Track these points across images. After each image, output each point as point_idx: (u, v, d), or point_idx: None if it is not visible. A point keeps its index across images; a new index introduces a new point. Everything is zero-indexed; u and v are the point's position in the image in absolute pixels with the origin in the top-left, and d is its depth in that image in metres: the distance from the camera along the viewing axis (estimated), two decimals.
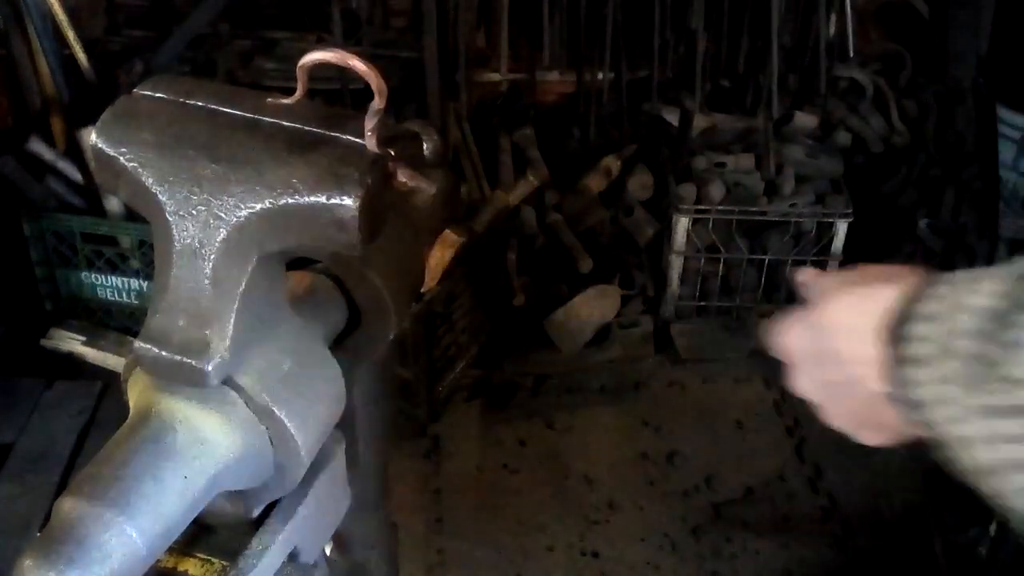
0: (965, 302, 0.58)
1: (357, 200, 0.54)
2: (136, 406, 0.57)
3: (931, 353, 0.59)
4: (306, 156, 0.56)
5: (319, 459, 0.63)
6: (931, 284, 0.60)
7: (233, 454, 0.56)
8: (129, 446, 0.54)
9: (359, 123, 0.57)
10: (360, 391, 0.70)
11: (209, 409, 0.55)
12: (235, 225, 0.54)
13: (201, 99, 0.60)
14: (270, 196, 0.54)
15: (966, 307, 0.58)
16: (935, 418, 0.57)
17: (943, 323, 0.59)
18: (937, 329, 0.59)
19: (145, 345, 0.54)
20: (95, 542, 0.49)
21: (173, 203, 0.54)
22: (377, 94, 0.56)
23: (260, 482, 0.60)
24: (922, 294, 0.60)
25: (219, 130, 0.58)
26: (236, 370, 0.55)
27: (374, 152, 0.57)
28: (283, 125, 0.59)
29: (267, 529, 0.61)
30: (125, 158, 0.56)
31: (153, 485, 0.52)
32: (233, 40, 2.45)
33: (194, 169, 0.55)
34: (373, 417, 0.74)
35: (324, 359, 0.61)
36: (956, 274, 0.60)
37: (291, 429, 0.57)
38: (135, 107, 0.60)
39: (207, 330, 0.54)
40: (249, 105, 0.60)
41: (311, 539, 0.65)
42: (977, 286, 0.58)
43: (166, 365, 0.54)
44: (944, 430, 0.57)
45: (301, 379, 0.58)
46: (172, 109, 0.59)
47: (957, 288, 0.59)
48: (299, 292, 0.62)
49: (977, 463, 0.57)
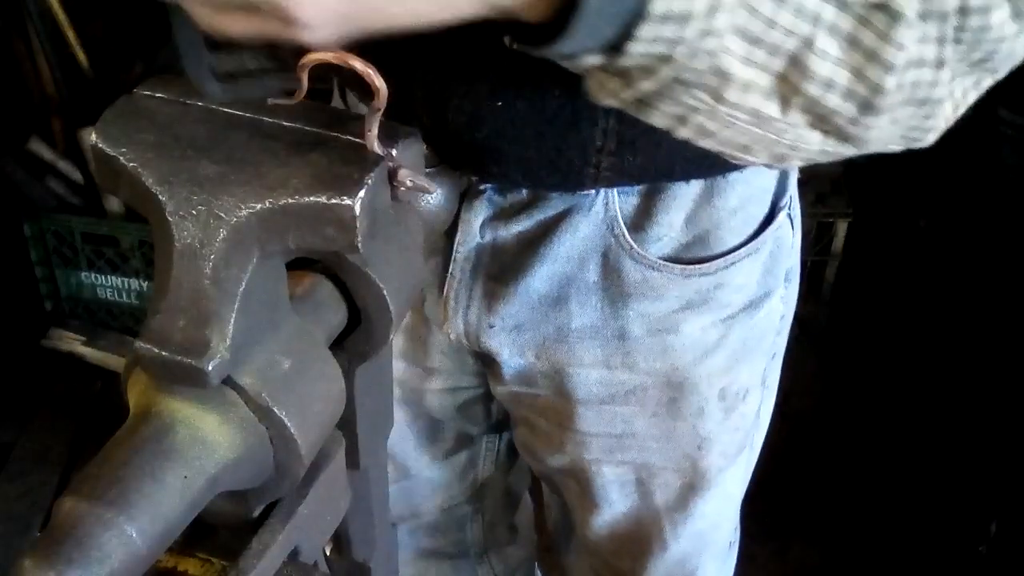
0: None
1: (357, 200, 0.54)
2: (136, 406, 0.57)
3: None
4: (306, 156, 0.56)
5: (319, 459, 0.63)
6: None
7: (233, 454, 0.56)
8: (129, 446, 0.54)
9: (359, 123, 0.57)
10: (360, 391, 0.70)
11: (209, 409, 0.55)
12: (235, 225, 0.54)
13: (201, 99, 0.60)
14: (270, 196, 0.54)
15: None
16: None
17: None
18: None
19: (145, 345, 0.54)
20: (95, 542, 0.49)
21: (173, 203, 0.54)
22: (376, 94, 0.56)
23: (260, 482, 0.60)
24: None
25: (219, 130, 0.58)
26: (236, 370, 0.55)
27: (374, 152, 0.57)
28: (283, 125, 0.59)
29: (267, 529, 0.61)
30: (125, 158, 0.56)
31: (153, 485, 0.52)
32: None
33: (194, 169, 0.55)
34: (373, 417, 0.74)
35: (324, 359, 0.61)
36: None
37: (291, 429, 0.57)
38: (135, 107, 0.60)
39: (207, 330, 0.54)
40: (249, 105, 0.60)
41: (311, 539, 0.66)
42: None
43: (166, 365, 0.54)
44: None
45: (301, 379, 0.58)
46: (172, 109, 0.60)
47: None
48: (299, 292, 0.62)
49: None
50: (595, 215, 0.87)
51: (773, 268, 0.96)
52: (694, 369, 0.95)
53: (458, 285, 0.94)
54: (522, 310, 0.93)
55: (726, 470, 1.06)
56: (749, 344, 0.98)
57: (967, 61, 0.58)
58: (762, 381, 1.04)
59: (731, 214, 0.89)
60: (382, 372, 0.74)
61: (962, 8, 0.55)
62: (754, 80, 0.55)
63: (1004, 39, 0.57)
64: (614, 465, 1.03)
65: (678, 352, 0.94)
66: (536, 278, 0.91)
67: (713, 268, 0.90)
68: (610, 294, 0.91)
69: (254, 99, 0.60)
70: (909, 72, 0.56)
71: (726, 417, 1.00)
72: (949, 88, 0.59)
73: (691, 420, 0.99)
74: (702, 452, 1.02)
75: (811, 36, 0.53)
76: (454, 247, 0.92)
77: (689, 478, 1.04)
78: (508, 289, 0.92)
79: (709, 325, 0.93)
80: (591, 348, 0.94)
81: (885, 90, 0.56)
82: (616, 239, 0.88)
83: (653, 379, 0.95)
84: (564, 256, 0.89)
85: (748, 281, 0.94)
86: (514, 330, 0.94)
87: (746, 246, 0.91)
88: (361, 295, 0.65)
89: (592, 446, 1.01)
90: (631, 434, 1.00)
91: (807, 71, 0.55)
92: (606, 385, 0.96)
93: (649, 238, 0.88)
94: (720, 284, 0.91)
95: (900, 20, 0.54)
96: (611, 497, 1.06)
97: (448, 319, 0.96)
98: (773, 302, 0.98)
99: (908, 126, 0.60)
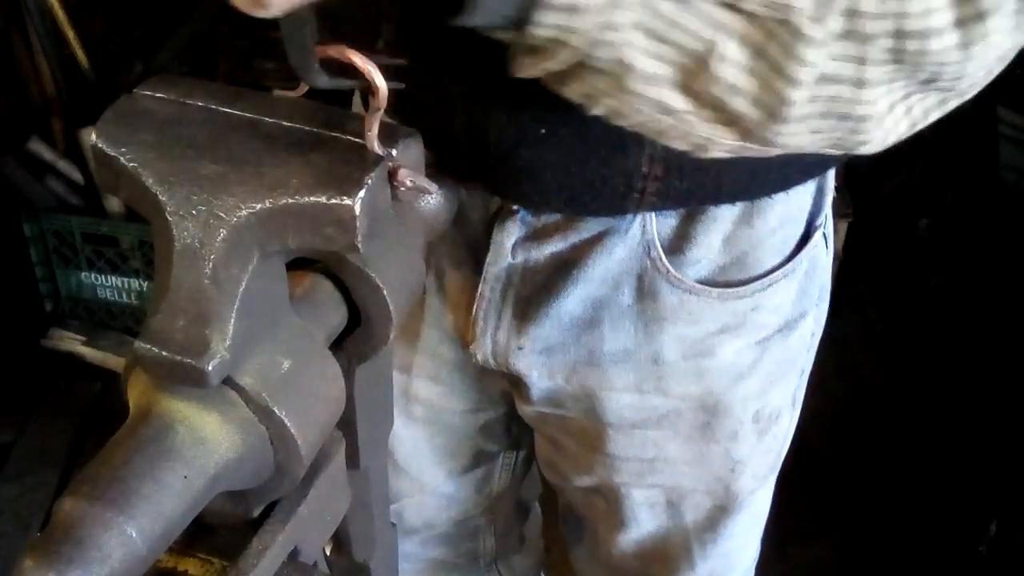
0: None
1: (357, 200, 0.54)
2: (136, 406, 0.57)
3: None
4: (306, 156, 0.56)
5: (319, 459, 0.63)
6: None
7: (233, 454, 0.56)
8: (129, 446, 0.53)
9: (359, 123, 0.57)
10: (360, 391, 0.70)
11: (209, 409, 0.55)
12: (235, 225, 0.54)
13: (201, 99, 0.60)
14: (270, 196, 0.54)
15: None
16: None
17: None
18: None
19: (145, 345, 0.54)
20: (95, 542, 0.49)
21: (173, 203, 0.54)
22: (376, 93, 0.56)
23: (260, 482, 0.59)
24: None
25: (219, 130, 0.58)
26: (236, 370, 0.55)
27: (374, 152, 0.57)
28: (283, 125, 0.59)
29: (267, 529, 0.61)
30: (125, 158, 0.56)
31: (153, 485, 0.52)
32: (233, 40, 2.45)
33: (194, 169, 0.55)
34: (373, 417, 0.74)
35: (324, 359, 0.61)
36: None
37: (291, 429, 0.57)
38: (135, 107, 0.60)
39: (207, 330, 0.54)
40: (249, 105, 0.60)
41: (311, 539, 0.65)
42: None
43: (166, 365, 0.54)
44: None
45: (301, 379, 0.58)
46: (172, 109, 0.60)
47: None
48: (299, 292, 0.62)
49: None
50: (631, 237, 0.85)
51: (808, 288, 0.94)
52: (729, 393, 0.93)
53: (487, 305, 0.92)
54: (553, 332, 0.91)
55: (757, 491, 1.04)
56: (783, 365, 0.96)
57: (915, 80, 0.58)
58: (792, 400, 1.02)
59: (770, 234, 0.87)
60: (382, 372, 0.74)
61: (898, 31, 0.55)
62: (658, 74, 0.56)
63: (947, 64, 0.57)
64: (644, 488, 1.01)
65: (713, 376, 0.91)
66: (569, 300, 0.89)
67: (750, 291, 0.88)
68: (645, 317, 0.88)
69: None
70: (823, 87, 0.56)
71: (759, 440, 0.98)
72: (887, 104, 0.58)
73: (724, 444, 0.96)
74: (735, 475, 0.99)
75: (714, 40, 0.54)
76: (484, 267, 0.90)
77: (721, 500, 1.02)
78: (539, 311, 0.90)
79: (744, 348, 0.91)
80: (623, 372, 0.91)
81: (792, 101, 0.56)
82: (652, 262, 0.85)
83: (687, 403, 0.93)
84: (598, 278, 0.87)
85: (784, 302, 0.92)
86: (544, 352, 0.92)
87: (783, 267, 0.89)
88: (361, 295, 0.65)
89: (622, 470, 0.99)
90: (663, 458, 0.98)
91: (712, 74, 0.55)
92: (638, 409, 0.94)
93: (686, 261, 0.86)
94: (757, 306, 0.89)
95: (801, 37, 0.54)
96: (639, 517, 1.04)
97: (476, 339, 0.94)
98: (807, 322, 0.96)
99: (832, 137, 0.60)
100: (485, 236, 0.89)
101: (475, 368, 1.01)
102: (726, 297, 0.88)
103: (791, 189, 0.85)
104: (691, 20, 0.53)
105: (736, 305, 0.89)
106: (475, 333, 0.94)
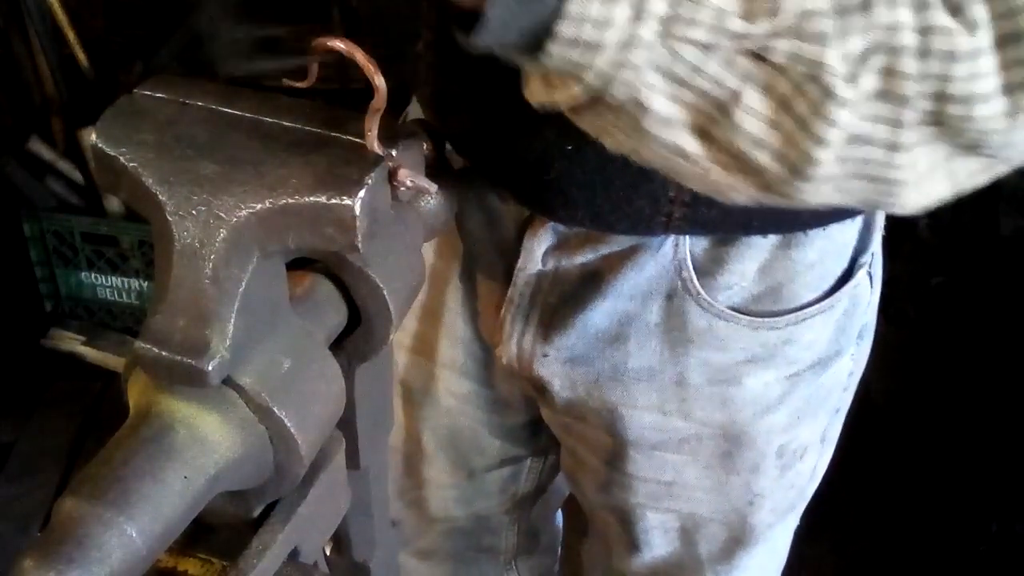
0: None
1: (357, 200, 0.54)
2: (136, 406, 0.57)
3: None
4: (306, 156, 0.56)
5: (319, 459, 0.63)
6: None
7: (233, 454, 0.56)
8: (129, 446, 0.53)
9: (359, 123, 0.57)
10: (360, 391, 0.70)
11: (209, 409, 0.55)
12: (235, 225, 0.54)
13: (201, 99, 0.60)
14: (270, 196, 0.54)
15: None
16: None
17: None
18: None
19: (145, 345, 0.54)
20: (95, 542, 0.49)
21: (173, 203, 0.54)
22: (377, 92, 0.56)
23: (260, 482, 0.59)
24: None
25: (219, 130, 0.58)
26: (236, 370, 0.55)
27: (374, 152, 0.57)
28: (283, 125, 0.59)
29: (267, 529, 0.61)
30: (125, 158, 0.56)
31: (153, 485, 0.52)
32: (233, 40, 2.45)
33: (194, 169, 0.55)
34: (373, 417, 0.74)
35: (324, 359, 0.61)
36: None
37: (291, 429, 0.57)
38: (135, 107, 0.60)
39: (207, 330, 0.54)
40: (249, 105, 0.60)
41: (311, 539, 0.65)
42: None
43: (166, 365, 0.54)
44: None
45: (301, 379, 0.58)
46: (172, 109, 0.60)
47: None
48: (299, 292, 0.62)
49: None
50: (663, 255, 0.83)
51: (847, 327, 0.91)
52: (753, 424, 0.91)
53: (515, 310, 0.91)
54: (578, 343, 0.90)
55: (775, 526, 1.02)
56: (813, 403, 0.94)
57: (957, 144, 0.54)
58: (822, 438, 1.00)
59: (808, 268, 0.85)
60: (382, 372, 0.74)
61: (939, 94, 0.51)
62: (675, 117, 0.53)
63: (993, 132, 0.52)
64: (659, 512, 1.00)
65: (737, 405, 0.90)
66: (596, 312, 0.88)
67: (783, 323, 0.86)
68: (671, 338, 0.87)
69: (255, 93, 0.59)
70: (853, 148, 0.52)
71: (781, 475, 0.97)
72: (926, 167, 0.54)
73: (745, 475, 0.95)
74: (753, 508, 0.98)
75: (739, 90, 0.51)
76: (515, 271, 0.89)
77: (736, 532, 1.01)
78: (566, 320, 0.89)
79: (773, 381, 0.89)
80: (646, 391, 0.90)
81: (818, 161, 0.52)
82: (683, 282, 0.84)
83: (709, 430, 0.92)
84: (627, 293, 0.86)
85: (819, 339, 0.89)
86: (568, 362, 0.91)
87: (820, 303, 0.87)
88: (361, 295, 0.65)
89: (639, 490, 0.98)
90: (680, 483, 0.96)
91: (734, 124, 0.52)
92: (659, 430, 0.92)
93: (718, 285, 0.84)
94: (789, 340, 0.87)
95: (831, 96, 0.50)
96: (652, 541, 1.03)
97: (503, 343, 0.93)
98: (843, 361, 0.93)
99: (862, 198, 0.56)
100: (517, 241, 0.89)
101: (503, 370, 1.00)
102: (757, 326, 0.86)
103: (829, 226, 0.83)
104: (714, 67, 0.51)
105: (767, 336, 0.87)
106: (502, 336, 0.93)
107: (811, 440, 0.98)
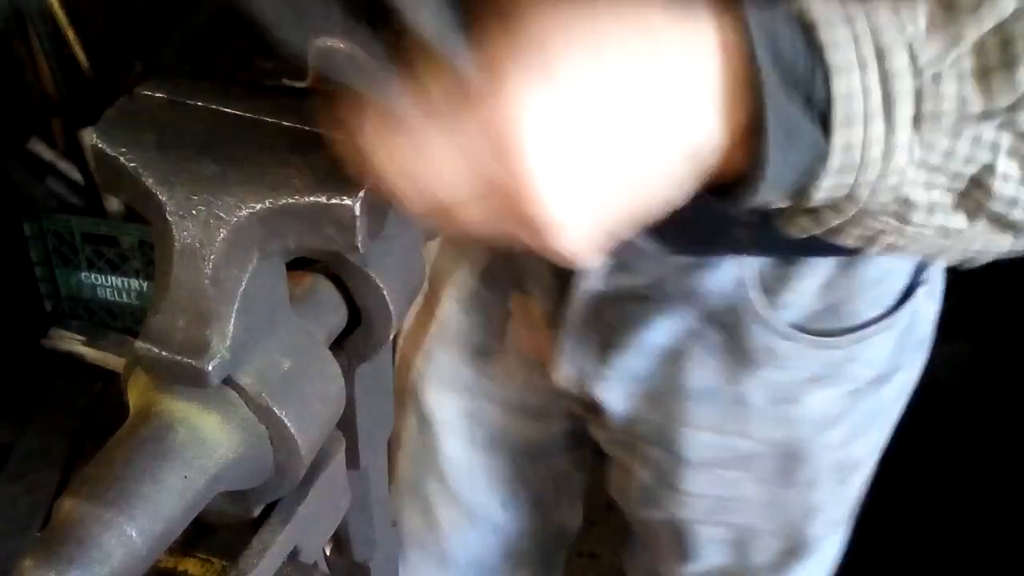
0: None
1: (357, 200, 0.54)
2: (136, 406, 0.57)
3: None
4: (306, 156, 0.56)
5: (319, 459, 0.63)
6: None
7: (233, 454, 0.56)
8: (129, 446, 0.53)
9: None
10: (360, 391, 0.70)
11: (209, 409, 0.55)
12: (235, 225, 0.54)
13: (201, 99, 0.60)
14: (270, 196, 0.54)
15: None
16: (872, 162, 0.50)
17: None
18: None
19: (145, 345, 0.54)
20: (95, 542, 0.49)
21: (173, 203, 0.54)
22: None
23: (260, 482, 0.59)
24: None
25: (219, 130, 0.58)
26: (236, 370, 0.55)
27: None
28: (283, 125, 0.59)
29: (267, 529, 0.61)
30: (125, 158, 0.56)
31: (153, 485, 0.52)
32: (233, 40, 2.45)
33: (194, 169, 0.55)
34: (373, 417, 0.74)
35: (324, 359, 0.61)
36: None
37: (291, 429, 0.57)
38: (135, 107, 0.59)
39: (207, 330, 0.54)
40: (249, 105, 0.60)
41: (311, 539, 0.65)
42: None
43: (166, 365, 0.54)
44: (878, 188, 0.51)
45: (301, 379, 0.58)
46: (172, 109, 0.59)
47: None
48: (299, 292, 0.62)
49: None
50: (724, 273, 0.83)
51: (906, 343, 0.91)
52: (813, 441, 0.91)
53: (572, 330, 0.90)
54: (638, 362, 0.89)
55: (829, 537, 1.02)
56: (871, 417, 0.94)
57: None
58: (876, 449, 1.00)
59: (871, 285, 0.85)
60: (382, 372, 0.74)
61: None
62: (938, 202, 0.55)
63: None
64: (713, 525, 0.99)
65: (797, 423, 0.90)
66: (656, 331, 0.87)
67: (845, 342, 0.86)
68: (732, 357, 0.87)
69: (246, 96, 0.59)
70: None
71: (837, 487, 0.96)
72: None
73: (801, 489, 0.94)
74: (808, 520, 0.98)
75: (991, 162, 0.53)
76: (571, 291, 0.88)
77: (791, 544, 1.00)
78: (625, 339, 0.88)
79: (834, 398, 0.89)
80: (706, 410, 0.89)
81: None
82: (744, 301, 0.83)
83: (767, 448, 0.91)
84: (688, 312, 0.85)
85: (879, 355, 0.89)
86: (628, 382, 0.90)
87: (880, 321, 0.87)
88: (361, 295, 0.65)
89: (695, 507, 0.98)
90: (737, 497, 0.96)
91: (991, 192, 0.54)
92: (717, 448, 0.92)
93: (780, 303, 0.83)
94: (851, 358, 0.87)
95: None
96: (705, 553, 1.02)
97: (558, 364, 0.92)
98: (902, 373, 0.93)
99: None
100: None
101: (546, 395, 0.99)
102: (819, 346, 0.85)
103: None
104: (964, 147, 0.52)
105: (829, 355, 0.86)
106: (556, 357, 0.92)
107: (866, 452, 0.98)
